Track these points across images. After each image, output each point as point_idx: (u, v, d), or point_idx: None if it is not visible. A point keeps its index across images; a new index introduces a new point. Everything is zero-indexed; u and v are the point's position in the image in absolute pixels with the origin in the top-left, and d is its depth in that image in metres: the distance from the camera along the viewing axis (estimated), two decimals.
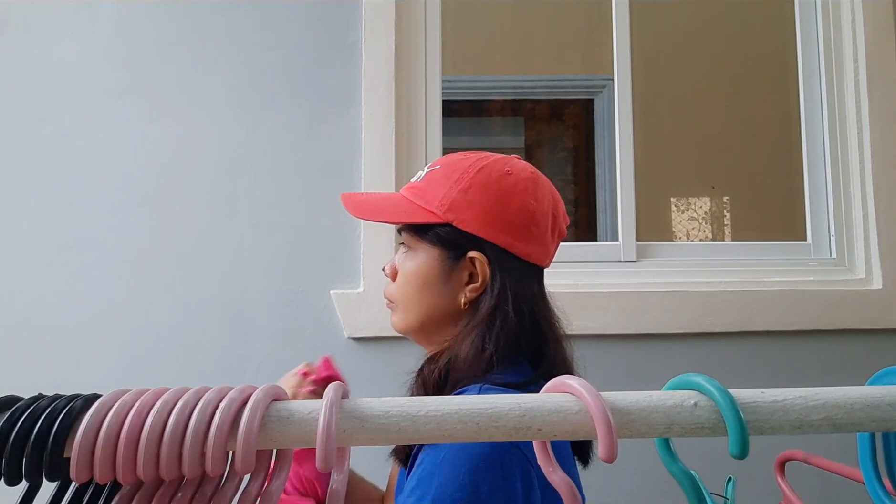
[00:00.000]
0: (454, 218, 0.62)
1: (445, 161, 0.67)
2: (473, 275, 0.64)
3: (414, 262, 0.65)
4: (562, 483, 0.32)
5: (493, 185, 0.63)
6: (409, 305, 0.66)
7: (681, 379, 0.32)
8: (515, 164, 0.66)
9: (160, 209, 1.23)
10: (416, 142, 1.31)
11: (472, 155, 0.67)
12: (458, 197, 0.63)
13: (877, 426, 0.30)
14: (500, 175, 0.64)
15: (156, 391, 0.30)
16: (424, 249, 0.65)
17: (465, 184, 0.63)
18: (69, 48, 1.26)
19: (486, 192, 0.63)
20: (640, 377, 1.21)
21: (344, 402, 0.31)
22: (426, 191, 0.65)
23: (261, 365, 1.20)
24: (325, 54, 1.27)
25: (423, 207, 0.64)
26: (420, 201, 0.65)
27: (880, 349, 1.24)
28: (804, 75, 1.42)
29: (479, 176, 0.63)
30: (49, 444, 0.27)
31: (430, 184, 0.65)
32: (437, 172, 0.66)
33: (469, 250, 0.63)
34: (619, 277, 1.29)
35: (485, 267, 0.63)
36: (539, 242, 0.65)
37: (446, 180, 0.64)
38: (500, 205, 0.63)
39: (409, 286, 0.65)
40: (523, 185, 0.64)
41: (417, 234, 0.65)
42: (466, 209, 0.62)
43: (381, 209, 0.68)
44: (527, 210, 0.64)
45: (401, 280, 0.67)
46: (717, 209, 2.54)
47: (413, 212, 0.64)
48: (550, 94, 2.50)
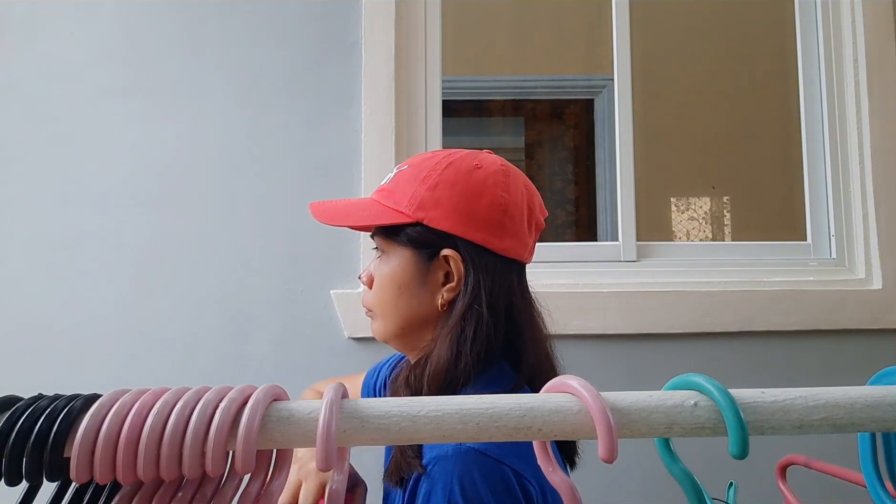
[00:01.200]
0: (424, 216, 0.61)
1: (413, 160, 0.66)
2: (449, 274, 0.62)
3: (388, 266, 0.64)
4: (562, 483, 0.32)
5: (461, 180, 0.62)
6: (387, 312, 0.64)
7: (681, 379, 0.32)
8: (485, 158, 0.65)
9: (160, 209, 1.23)
10: (416, 142, 1.31)
11: (440, 152, 0.66)
12: (427, 194, 0.61)
13: (877, 426, 0.30)
14: (469, 170, 0.62)
15: (156, 391, 0.30)
16: (397, 252, 0.63)
17: (433, 181, 0.62)
18: (69, 48, 1.26)
19: (455, 188, 0.61)
20: (640, 377, 1.21)
21: (344, 402, 0.31)
22: (395, 192, 0.64)
23: (261, 365, 1.20)
24: (325, 54, 1.27)
25: (392, 208, 0.63)
26: (390, 203, 0.63)
27: (880, 349, 1.24)
28: (804, 75, 1.42)
29: (447, 172, 0.62)
30: (49, 445, 0.27)
31: (398, 184, 0.64)
32: (405, 172, 0.64)
33: (442, 248, 0.61)
34: (619, 277, 1.29)
35: (459, 265, 0.61)
36: (515, 236, 0.63)
37: (414, 179, 0.63)
38: (471, 199, 0.61)
39: (386, 292, 0.64)
40: (493, 179, 0.62)
41: (389, 237, 0.64)
42: (436, 206, 0.61)
43: (349, 213, 0.66)
44: (499, 203, 0.62)
45: (377, 286, 0.65)
46: (717, 209, 2.54)
47: (382, 213, 0.63)
48: (550, 94, 2.50)
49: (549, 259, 1.31)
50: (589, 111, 2.49)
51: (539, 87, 2.45)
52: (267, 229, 1.23)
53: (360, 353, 1.20)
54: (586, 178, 2.56)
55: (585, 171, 2.57)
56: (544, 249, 1.33)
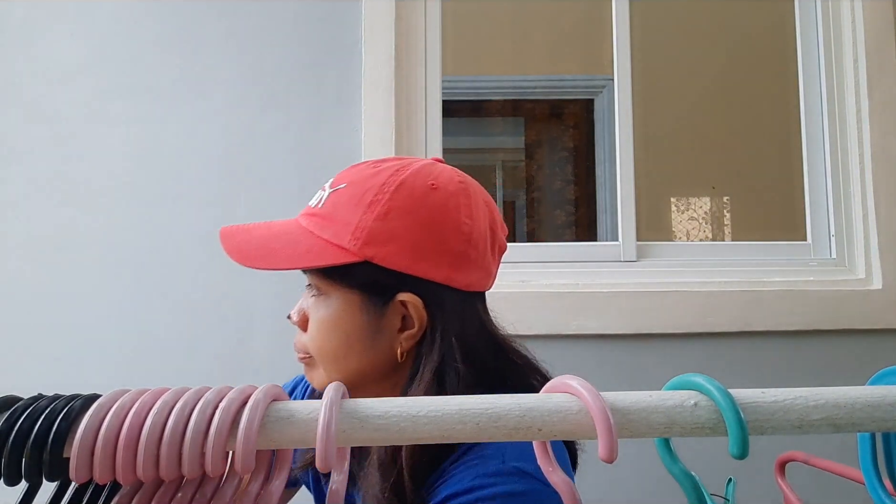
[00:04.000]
0: (374, 254, 0.50)
1: (353, 177, 0.54)
2: (407, 318, 0.52)
3: (329, 310, 0.52)
4: (562, 483, 0.32)
5: (417, 205, 0.51)
6: (330, 363, 0.52)
7: (681, 379, 0.32)
8: (440, 174, 0.54)
9: (160, 209, 1.23)
10: (416, 142, 1.31)
11: (384, 165, 0.54)
12: (376, 226, 0.50)
13: (877, 426, 0.30)
14: (425, 191, 0.51)
15: (155, 391, 0.30)
16: (340, 296, 0.52)
17: (382, 207, 0.50)
18: (69, 48, 1.26)
19: (411, 217, 0.50)
20: (640, 377, 1.21)
21: (344, 402, 0.31)
22: (332, 219, 0.52)
23: (261, 365, 1.20)
24: (325, 54, 1.27)
25: (330, 243, 0.51)
26: (327, 234, 0.51)
27: (880, 349, 1.24)
28: (804, 75, 1.42)
29: (398, 196, 0.51)
30: (49, 445, 0.27)
31: (336, 209, 0.52)
32: (343, 193, 0.53)
33: (398, 292, 0.51)
34: (619, 277, 1.29)
35: (420, 310, 0.51)
36: (480, 267, 0.54)
37: (357, 204, 0.51)
38: (430, 230, 0.51)
39: (328, 340, 0.52)
40: (454, 201, 0.52)
41: (328, 278, 0.52)
42: (388, 241, 0.50)
43: (272, 252, 0.52)
44: (462, 232, 0.52)
45: (315, 331, 0.53)
46: (717, 209, 2.54)
47: (319, 251, 0.51)
48: (550, 93, 2.50)
49: (549, 259, 1.31)
50: (589, 111, 2.49)
51: (539, 86, 2.45)
52: None
53: None
54: (586, 178, 2.56)
55: (585, 171, 2.58)
56: (544, 249, 1.33)
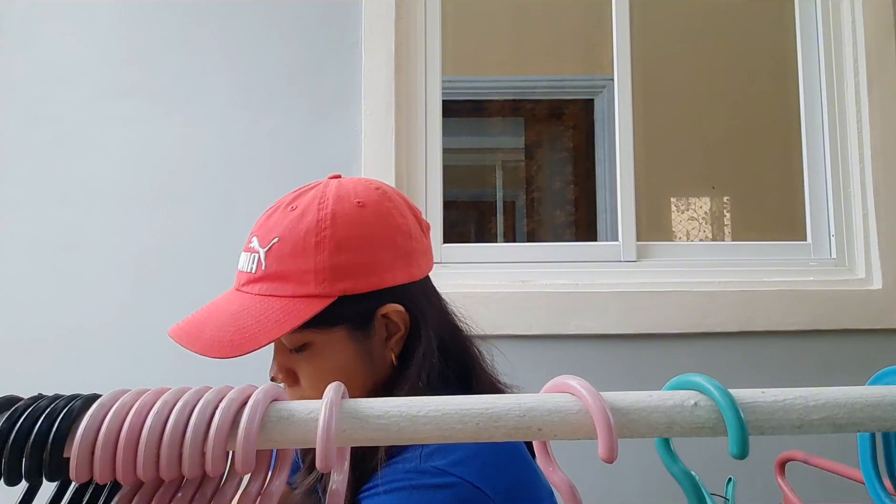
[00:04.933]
0: (345, 287, 0.53)
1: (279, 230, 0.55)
2: (390, 326, 0.56)
3: (319, 357, 0.55)
4: (561, 483, 0.32)
5: (358, 227, 0.54)
6: None
7: (681, 379, 0.32)
8: (357, 190, 0.57)
9: (160, 209, 1.23)
10: (416, 142, 1.31)
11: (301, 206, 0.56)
12: (334, 262, 0.53)
13: (877, 426, 0.30)
14: (357, 212, 0.55)
15: (156, 391, 0.30)
16: (328, 338, 0.55)
17: (330, 243, 0.53)
18: (69, 48, 1.26)
19: (358, 239, 0.54)
20: (640, 377, 1.21)
21: (344, 402, 0.31)
22: (285, 276, 0.53)
23: (261, 365, 1.20)
24: (325, 54, 1.27)
25: (298, 297, 0.52)
26: (289, 291, 0.53)
27: (880, 349, 1.24)
28: (804, 75, 1.42)
29: (337, 226, 0.53)
30: (49, 445, 0.27)
31: (283, 264, 0.54)
32: (281, 247, 0.54)
33: (376, 309, 0.55)
34: (619, 277, 1.29)
35: (403, 314, 0.56)
36: (423, 253, 0.59)
37: (304, 250, 0.53)
38: (379, 243, 0.55)
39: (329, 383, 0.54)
40: (383, 208, 0.56)
41: (310, 329, 0.53)
42: (351, 270, 0.53)
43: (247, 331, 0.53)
44: (402, 232, 0.56)
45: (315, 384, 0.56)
46: (717, 209, 2.54)
47: (295, 310, 0.52)
48: (550, 94, 2.50)
49: (549, 259, 1.31)
50: (589, 111, 2.49)
51: (539, 87, 2.45)
52: None
53: None
54: (586, 179, 2.56)
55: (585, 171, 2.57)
56: (544, 249, 1.33)
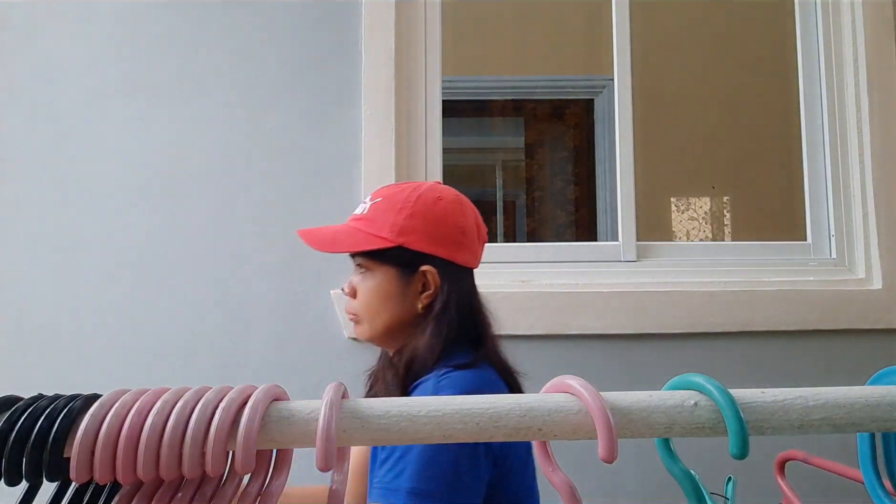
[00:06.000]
0: (405, 241, 0.74)
1: (385, 194, 0.79)
2: (426, 284, 0.76)
3: (373, 281, 0.77)
4: (561, 483, 0.32)
5: (431, 210, 0.76)
6: (374, 317, 0.77)
7: (681, 379, 0.32)
8: (443, 190, 0.79)
9: (160, 209, 1.23)
10: (416, 142, 1.31)
11: (405, 185, 0.80)
12: (405, 223, 0.75)
13: (877, 426, 0.30)
14: (434, 201, 0.77)
15: (156, 391, 0.30)
16: (381, 270, 0.76)
17: (408, 212, 0.75)
18: (69, 48, 1.26)
19: (427, 217, 0.76)
20: (640, 377, 1.21)
21: (344, 403, 0.31)
22: (374, 221, 0.76)
23: (261, 365, 1.20)
24: (325, 54, 1.27)
25: (376, 235, 0.75)
26: (372, 230, 0.76)
27: (880, 349, 1.24)
28: (804, 75, 1.42)
29: (417, 204, 0.76)
30: (49, 445, 0.27)
31: (376, 214, 0.77)
32: (380, 205, 0.77)
33: (421, 265, 0.75)
34: (619, 277, 1.29)
35: (436, 277, 0.75)
36: (470, 250, 0.79)
37: (391, 210, 0.76)
38: (439, 225, 0.76)
39: (372, 301, 0.77)
40: (452, 206, 0.78)
41: (374, 258, 0.76)
42: (413, 232, 0.75)
43: (340, 241, 0.79)
44: (458, 226, 0.78)
45: (363, 297, 0.78)
46: (717, 209, 2.54)
47: (369, 240, 0.75)
48: (551, 94, 2.50)
49: (549, 259, 1.31)
50: (589, 111, 2.49)
51: (539, 87, 2.45)
52: (267, 229, 1.23)
53: (360, 353, 1.20)
54: (586, 179, 2.56)
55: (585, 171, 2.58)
56: (544, 249, 1.33)
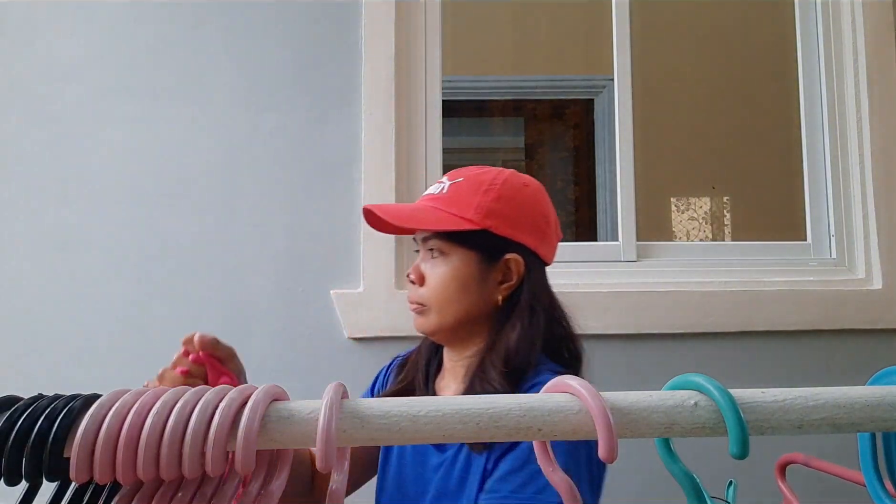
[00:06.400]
0: (491, 224, 0.68)
1: (466, 174, 0.72)
2: (506, 274, 0.70)
3: (449, 266, 0.69)
4: (562, 483, 0.32)
5: (517, 195, 0.70)
6: (446, 307, 0.69)
7: (681, 379, 0.32)
8: (527, 177, 0.74)
9: (160, 209, 1.23)
10: (416, 142, 1.31)
11: (487, 169, 0.73)
12: (492, 206, 0.68)
13: (877, 426, 0.30)
14: (521, 186, 0.72)
15: (156, 391, 0.30)
16: (459, 254, 0.69)
17: (495, 194, 0.69)
18: (69, 48, 1.26)
19: (515, 201, 0.70)
20: (640, 377, 1.21)
21: (344, 403, 0.31)
22: (455, 201, 0.69)
23: (261, 365, 1.19)
24: (325, 54, 1.27)
25: (459, 216, 0.68)
26: (453, 210, 0.69)
27: (880, 349, 1.24)
28: (804, 75, 1.42)
29: (505, 187, 0.70)
30: (49, 445, 0.27)
31: (457, 194, 0.70)
32: (461, 185, 0.71)
33: (505, 253, 0.69)
34: (619, 277, 1.29)
35: (520, 266, 0.69)
36: (550, 244, 0.74)
37: (475, 191, 0.69)
38: (527, 211, 0.71)
39: (447, 289, 0.69)
40: (539, 197, 0.73)
41: (452, 241, 0.69)
42: (499, 216, 0.68)
43: (421, 218, 0.71)
44: (544, 215, 0.72)
45: (435, 284, 0.70)
46: (717, 209, 2.54)
47: (452, 220, 0.68)
48: (551, 94, 2.50)
49: None
50: (589, 111, 2.49)
51: (539, 87, 2.45)
52: (267, 229, 1.23)
53: (360, 353, 1.20)
54: (586, 178, 2.56)
55: (585, 171, 2.58)
56: None
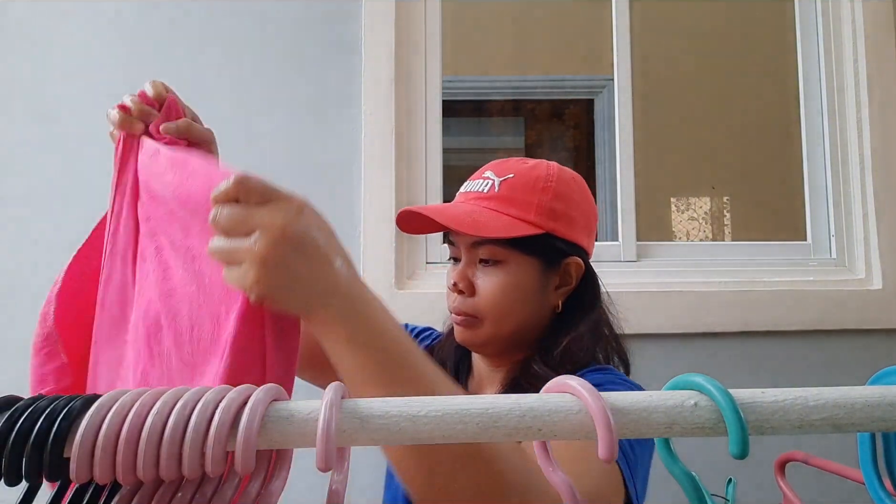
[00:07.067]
0: (554, 227, 0.63)
1: (516, 169, 0.65)
2: (564, 278, 0.65)
3: (507, 274, 0.63)
4: (562, 483, 0.32)
5: (573, 191, 0.65)
6: (504, 318, 0.64)
7: (681, 379, 0.32)
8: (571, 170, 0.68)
9: None
10: (416, 142, 1.31)
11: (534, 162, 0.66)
12: (553, 205, 0.63)
13: (877, 426, 0.30)
14: (571, 180, 0.66)
15: (155, 391, 0.30)
16: (519, 261, 0.63)
17: (552, 193, 0.63)
18: (69, 48, 1.26)
19: (571, 200, 0.64)
20: (640, 377, 1.21)
21: (344, 402, 0.31)
22: (512, 202, 0.63)
23: None
24: (325, 54, 1.27)
25: (520, 219, 0.62)
26: (511, 212, 0.62)
27: (880, 349, 1.24)
28: (804, 75, 1.42)
29: (560, 184, 0.64)
30: (49, 445, 0.27)
31: (513, 193, 0.63)
32: (515, 182, 0.64)
33: (566, 257, 0.64)
34: (619, 277, 1.29)
35: (580, 271, 0.66)
36: (593, 242, 0.69)
37: (532, 189, 0.63)
38: (583, 209, 0.66)
39: (505, 299, 0.63)
40: (586, 188, 0.68)
41: (510, 246, 0.63)
42: (562, 217, 0.63)
43: (485, 225, 0.62)
44: (594, 213, 0.68)
45: (491, 293, 0.63)
46: (717, 209, 2.54)
47: (513, 225, 0.62)
48: (551, 94, 2.50)
49: None
50: (589, 111, 2.49)
51: (539, 87, 2.45)
52: None
53: None
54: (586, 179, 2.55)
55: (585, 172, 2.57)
56: None
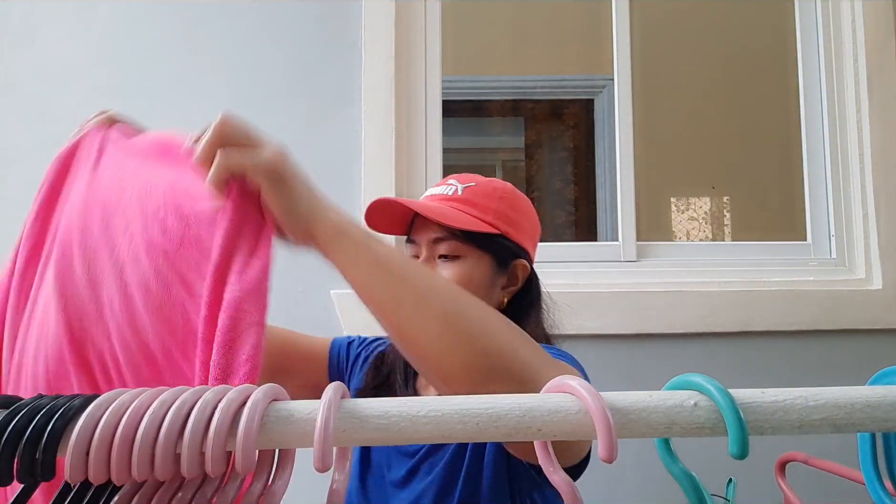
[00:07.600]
0: (508, 230, 0.71)
1: (476, 179, 0.75)
2: (511, 279, 0.73)
3: (463, 268, 0.70)
4: (562, 483, 0.32)
5: (524, 206, 0.75)
6: None
7: (681, 379, 0.32)
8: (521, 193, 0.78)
9: None
10: (416, 142, 1.31)
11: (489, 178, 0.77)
12: (510, 213, 0.72)
13: (877, 426, 0.30)
14: (523, 198, 0.76)
15: (154, 391, 0.30)
16: (475, 257, 0.70)
17: (507, 202, 0.72)
18: (69, 48, 1.26)
19: (522, 211, 0.74)
20: (640, 377, 1.21)
21: (343, 402, 0.30)
22: (474, 204, 0.71)
23: None
24: (325, 54, 1.27)
25: (480, 218, 0.70)
26: (475, 213, 0.70)
27: (880, 349, 1.24)
28: (804, 75, 1.42)
29: (514, 197, 0.74)
30: (43, 444, 0.27)
31: (475, 198, 0.71)
32: (476, 189, 0.72)
33: (515, 258, 0.72)
34: (619, 277, 1.29)
35: (526, 272, 0.74)
36: (535, 252, 0.78)
37: (490, 196, 0.72)
38: (531, 221, 0.75)
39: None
40: (533, 209, 0.78)
41: (469, 242, 0.69)
42: (515, 223, 0.72)
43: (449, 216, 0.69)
44: (539, 229, 0.78)
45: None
46: (717, 209, 2.54)
47: (476, 222, 0.69)
48: (550, 94, 2.50)
49: (549, 259, 1.30)
50: (589, 111, 2.49)
51: (539, 87, 2.45)
52: None
53: None
54: (586, 179, 2.56)
55: (585, 171, 2.57)
56: (544, 249, 1.33)
